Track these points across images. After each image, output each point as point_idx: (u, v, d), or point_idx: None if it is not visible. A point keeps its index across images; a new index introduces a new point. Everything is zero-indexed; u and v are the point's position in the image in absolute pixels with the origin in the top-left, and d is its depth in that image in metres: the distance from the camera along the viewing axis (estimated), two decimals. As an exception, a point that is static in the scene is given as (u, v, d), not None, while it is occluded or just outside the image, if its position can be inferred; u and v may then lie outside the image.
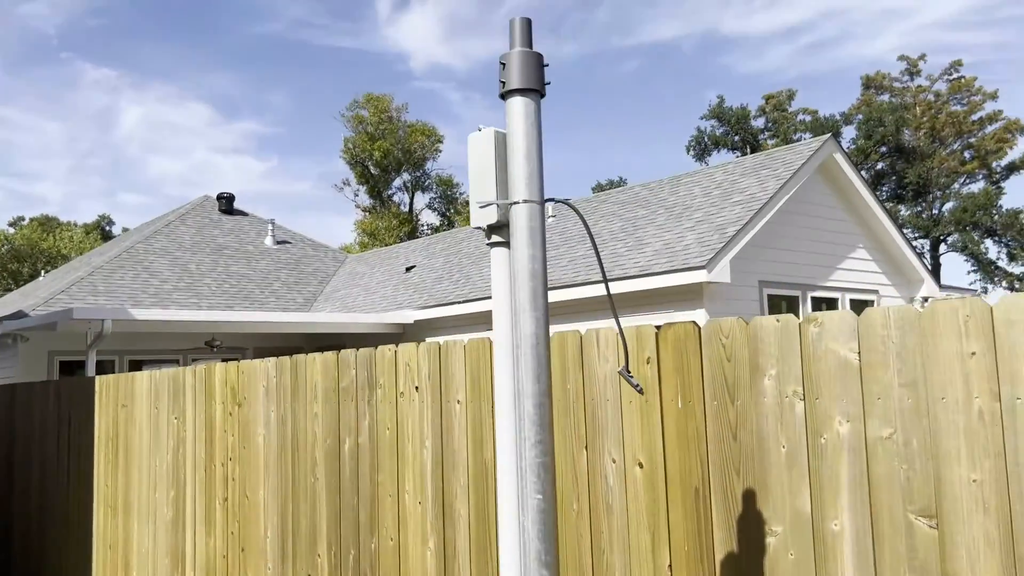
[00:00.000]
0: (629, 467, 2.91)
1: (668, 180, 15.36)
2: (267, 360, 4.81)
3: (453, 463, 3.59)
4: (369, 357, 4.09)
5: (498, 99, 1.80)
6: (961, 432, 2.16)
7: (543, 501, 1.70)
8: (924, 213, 45.27)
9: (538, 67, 1.80)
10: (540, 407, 1.72)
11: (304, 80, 74.52)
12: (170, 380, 5.74)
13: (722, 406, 2.67)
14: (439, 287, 15.51)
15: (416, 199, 46.24)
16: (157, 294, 16.44)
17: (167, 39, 74.92)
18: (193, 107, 79.52)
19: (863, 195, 13.54)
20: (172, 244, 18.98)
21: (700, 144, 49.63)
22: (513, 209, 1.76)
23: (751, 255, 11.87)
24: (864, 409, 2.35)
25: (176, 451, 5.63)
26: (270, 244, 20.74)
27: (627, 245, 12.77)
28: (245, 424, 4.95)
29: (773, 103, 48.69)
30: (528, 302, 1.73)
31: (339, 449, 4.23)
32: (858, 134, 45.27)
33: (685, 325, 2.79)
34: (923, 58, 45.77)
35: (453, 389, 3.61)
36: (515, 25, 1.82)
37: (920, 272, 14.41)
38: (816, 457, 2.44)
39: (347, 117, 43.98)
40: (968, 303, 2.16)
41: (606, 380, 2.99)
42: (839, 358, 2.40)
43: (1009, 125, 43.86)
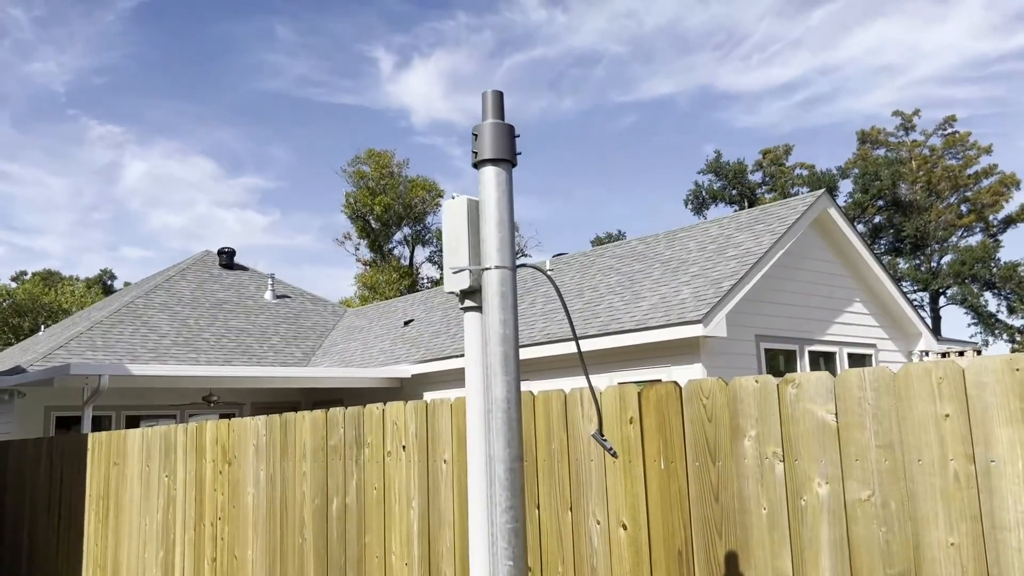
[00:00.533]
0: (613, 528, 2.90)
1: (664, 235, 15.47)
2: (257, 418, 4.81)
3: (439, 523, 3.57)
4: (357, 416, 4.09)
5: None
6: (938, 494, 2.17)
7: (514, 568, 1.70)
8: (923, 266, 45.42)
9: (509, 138, 1.86)
10: (511, 472, 1.73)
11: (306, 135, 75.49)
12: (162, 438, 5.73)
13: (703, 467, 2.67)
14: (436, 341, 15.51)
15: (416, 253, 46.47)
16: (156, 349, 16.44)
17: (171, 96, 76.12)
18: (196, 162, 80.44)
19: (859, 249, 13.62)
20: (172, 299, 19.04)
21: (698, 198, 50.04)
22: (485, 275, 1.80)
23: (747, 309, 11.90)
24: (843, 471, 2.35)
25: (166, 510, 5.59)
26: (269, 298, 20.80)
27: (623, 299, 12.81)
28: (235, 483, 4.93)
29: (770, 157, 49.23)
30: (500, 366, 1.76)
31: (327, 509, 4.20)
32: (855, 188, 45.67)
33: (667, 386, 2.80)
34: (917, 113, 46.41)
35: (440, 448, 3.61)
36: (487, 98, 1.88)
37: (918, 326, 14.42)
38: (796, 519, 2.44)
39: (348, 172, 44.47)
40: (941, 365, 2.18)
41: (590, 440, 2.99)
42: (817, 419, 2.41)
43: (1004, 179, 44.27)
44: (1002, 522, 2.05)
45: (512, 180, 1.86)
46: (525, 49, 69.39)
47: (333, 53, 69.09)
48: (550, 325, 13.15)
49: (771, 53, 65.40)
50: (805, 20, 63.69)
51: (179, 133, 78.34)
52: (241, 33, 68.97)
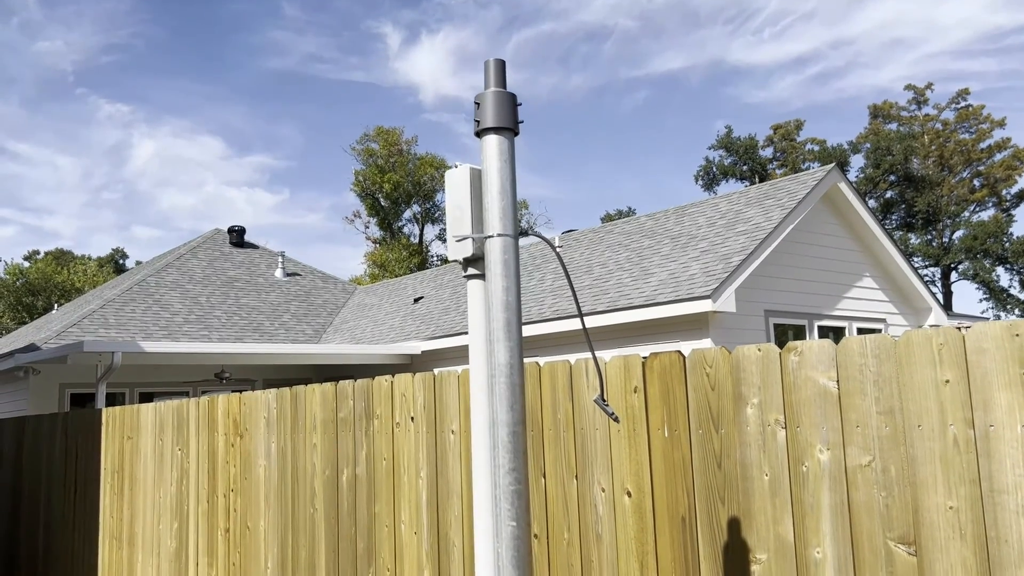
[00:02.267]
0: (618, 496, 2.94)
1: (673, 210, 15.43)
2: (268, 391, 4.87)
3: (448, 493, 3.62)
4: (366, 388, 4.14)
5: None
6: (937, 459, 2.19)
7: (517, 528, 1.74)
8: (934, 241, 45.17)
9: (511, 106, 1.87)
10: (514, 435, 1.76)
11: (315, 114, 75.37)
12: (174, 412, 5.80)
13: (707, 435, 2.70)
14: (446, 318, 15.57)
15: (426, 230, 46.51)
16: (168, 327, 16.57)
17: (180, 75, 76.04)
18: (205, 141, 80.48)
19: (869, 224, 13.57)
20: (183, 277, 19.16)
21: (708, 174, 49.81)
22: (488, 243, 1.82)
23: (757, 284, 11.90)
24: (844, 437, 2.38)
25: (180, 482, 5.68)
26: (280, 276, 20.90)
27: (632, 275, 12.82)
28: (247, 455, 5.00)
29: (781, 133, 48.90)
30: (502, 332, 1.79)
31: (337, 480, 4.26)
32: (867, 163, 45.36)
33: (670, 355, 2.83)
34: (930, 87, 45.97)
35: (448, 419, 3.65)
36: (489, 66, 1.89)
37: (928, 300, 14.38)
38: (798, 485, 2.47)
39: (357, 150, 44.44)
40: (942, 332, 2.20)
41: (595, 410, 3.03)
42: (818, 386, 2.44)
43: (1018, 153, 43.87)
44: (1000, 485, 2.08)
45: (514, 149, 1.88)
46: (534, 24, 68.93)
47: (341, 30, 68.79)
48: (559, 301, 13.19)
49: (783, 27, 64.77)
50: (817, -7, 62.93)
51: (187, 112, 78.32)
52: (248, 11, 68.70)
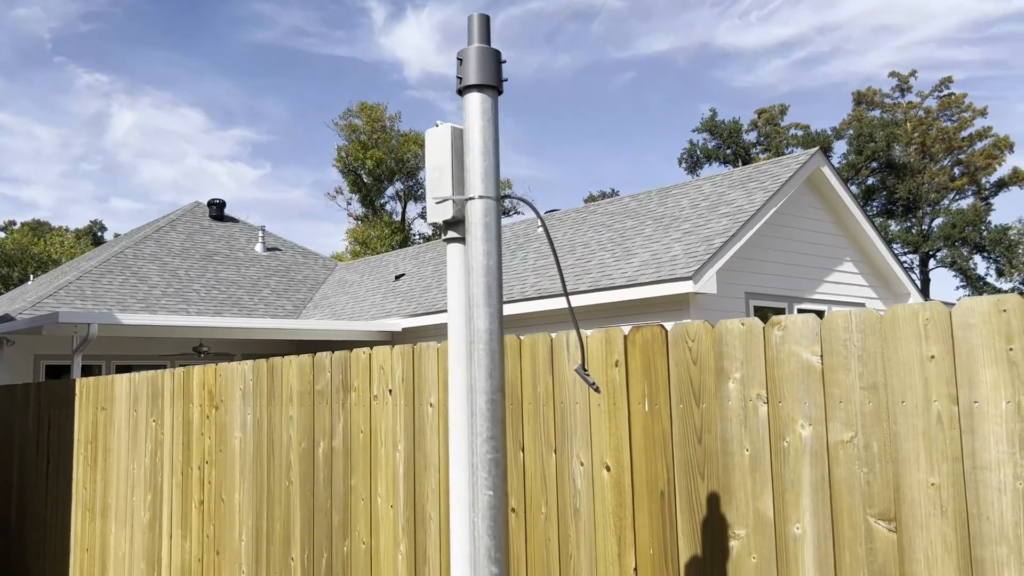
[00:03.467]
0: (596, 470, 2.91)
1: (657, 192, 15.40)
2: (244, 363, 4.80)
3: (425, 466, 3.58)
4: (344, 360, 4.08)
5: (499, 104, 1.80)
6: (920, 436, 2.17)
7: (494, 497, 1.70)
8: (914, 228, 45.50)
9: (495, 63, 1.81)
10: (492, 403, 1.72)
11: (298, 88, 74.53)
12: (149, 383, 5.72)
13: (688, 409, 2.67)
14: (428, 296, 15.50)
15: (409, 208, 46.26)
16: (145, 299, 16.39)
17: (161, 45, 74.86)
18: (186, 113, 79.43)
19: (851, 209, 13.60)
20: (161, 250, 18.94)
21: (692, 157, 49.83)
22: (469, 205, 1.77)
23: (738, 267, 11.91)
24: (826, 412, 2.35)
25: (154, 454, 5.60)
26: (260, 251, 20.71)
27: (615, 255, 12.79)
28: (222, 427, 4.93)
29: (765, 117, 48.94)
30: (482, 297, 1.73)
31: (313, 452, 4.21)
32: (849, 149, 45.52)
33: (652, 328, 2.79)
34: (914, 74, 46.12)
35: (426, 392, 3.60)
36: (473, 21, 1.83)
37: (907, 286, 14.47)
38: (779, 460, 2.44)
39: (340, 125, 44.03)
40: (928, 307, 2.17)
41: (575, 383, 2.98)
42: (802, 361, 2.41)
43: (998, 142, 44.18)
44: (983, 462, 2.06)
45: (497, 108, 1.82)
46: (521, 2, 68.40)
47: (326, 3, 67.94)
48: (541, 280, 13.15)
49: (770, 11, 64.68)
50: (805, -23, 62.85)
51: (169, 84, 77.21)
52: (231, -19, 67.63)
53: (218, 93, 77.79)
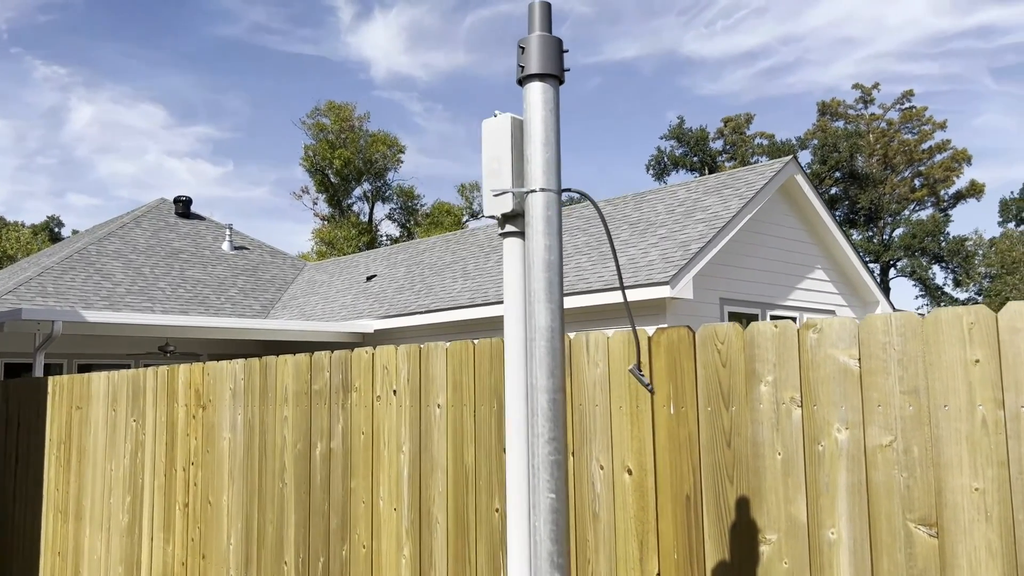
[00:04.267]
0: (617, 473, 2.86)
1: (632, 196, 15.45)
2: (235, 361, 4.67)
3: (432, 468, 3.50)
4: (344, 359, 3.99)
5: (460, 110, 1.76)
6: (964, 440, 2.15)
7: (556, 500, 1.64)
8: (875, 238, 46.29)
9: (558, 52, 1.75)
10: (554, 403, 1.66)
11: (262, 85, 73.61)
12: (130, 381, 5.55)
13: (716, 412, 2.63)
14: (400, 297, 15.37)
15: (376, 209, 45.94)
16: (109, 297, 16.03)
17: (121, 38, 73.45)
18: (147, 108, 78.01)
19: (822, 216, 13.75)
20: (126, 247, 18.55)
21: (660, 164, 50.19)
22: (530, 198, 1.70)
23: (713, 272, 11.98)
24: (863, 416, 2.32)
25: (134, 455, 5.44)
26: (227, 249, 20.39)
27: (591, 259, 12.79)
28: (209, 427, 4.80)
29: (732, 126, 49.47)
30: (543, 293, 1.67)
31: (310, 454, 4.11)
32: (813, 159, 46.19)
33: (679, 330, 2.75)
34: (876, 87, 46.95)
35: (433, 393, 3.53)
36: (534, 9, 1.77)
37: (876, 294, 14.67)
38: (813, 464, 2.41)
39: (308, 124, 43.59)
40: (972, 310, 2.16)
41: (595, 385, 2.93)
42: (838, 365, 2.38)
43: (956, 155, 45.16)
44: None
45: (559, 98, 1.76)
46: (490, 4, 68.38)
47: (292, 0, 67.26)
48: (517, 283, 13.10)
49: (735, 20, 65.46)
50: (771, -12, 63.73)
51: (129, 77, 75.79)
52: (196, -24, 66.64)
53: (180, 88, 76.55)
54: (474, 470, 3.31)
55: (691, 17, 66.50)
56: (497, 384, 3.25)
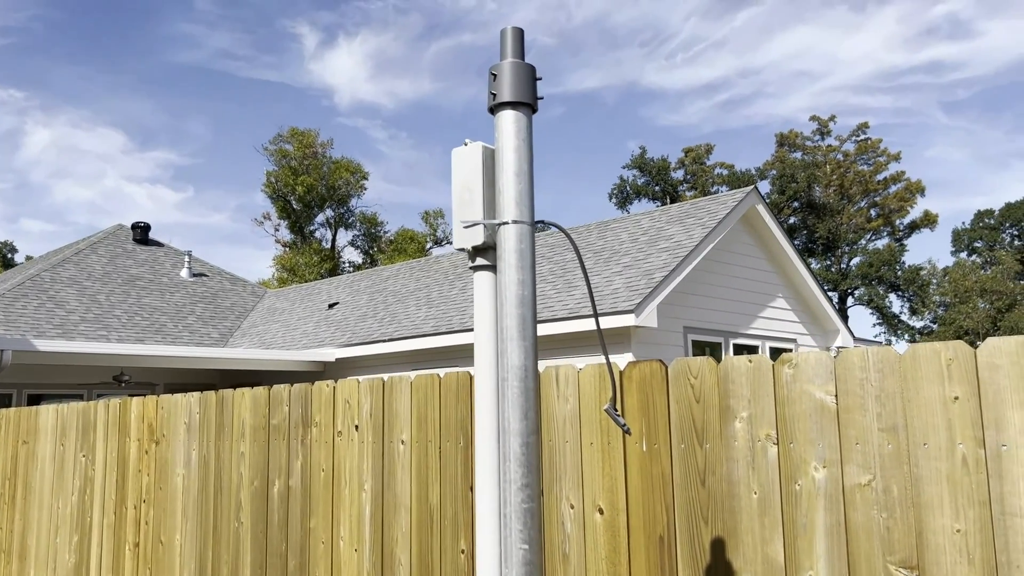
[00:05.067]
0: (588, 513, 2.77)
1: (596, 225, 15.48)
2: (190, 395, 4.51)
3: (395, 507, 3.38)
4: (304, 393, 3.85)
5: (424, 137, 1.68)
6: (944, 480, 2.10)
7: (529, 552, 1.54)
8: (833, 267, 47.02)
9: (531, 80, 1.68)
10: (528, 447, 1.57)
11: (224, 111, 72.96)
12: (79, 415, 5.34)
13: (690, 450, 2.56)
14: (363, 325, 15.17)
15: (339, 236, 45.62)
16: (62, 325, 15.61)
17: (81, 62, 72.38)
18: (106, 133, 76.82)
19: (783, 246, 13.89)
20: (81, 273, 18.12)
21: (622, 192, 50.62)
22: (502, 230, 1.63)
23: (677, 301, 11.99)
24: (841, 455, 2.27)
25: (83, 492, 5.22)
26: (186, 276, 20.02)
27: (556, 288, 12.75)
28: (163, 463, 4.62)
29: (692, 156, 50.11)
30: (516, 330, 1.59)
31: (267, 491, 3.95)
32: (772, 189, 46.92)
33: (651, 364, 2.68)
34: (833, 119, 47.93)
35: (397, 428, 3.41)
36: (507, 35, 1.70)
37: (836, 323, 14.81)
38: (790, 504, 2.35)
39: (270, 150, 43.26)
40: (951, 346, 2.11)
41: (565, 421, 2.85)
42: (815, 401, 2.32)
43: (910, 186, 46.17)
44: (1012, 508, 2.00)
45: (532, 127, 1.69)
46: (453, 34, 68.79)
47: (255, 27, 67.00)
48: (481, 311, 13.00)
49: (695, 53, 66.59)
50: (730, 22, 65.06)
51: (87, 102, 74.66)
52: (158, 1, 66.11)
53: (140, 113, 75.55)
54: (439, 509, 3.19)
55: (652, 49, 67.52)
56: (464, 419, 3.15)
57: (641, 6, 65.36)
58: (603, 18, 66.64)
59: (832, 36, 63.39)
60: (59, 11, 67.69)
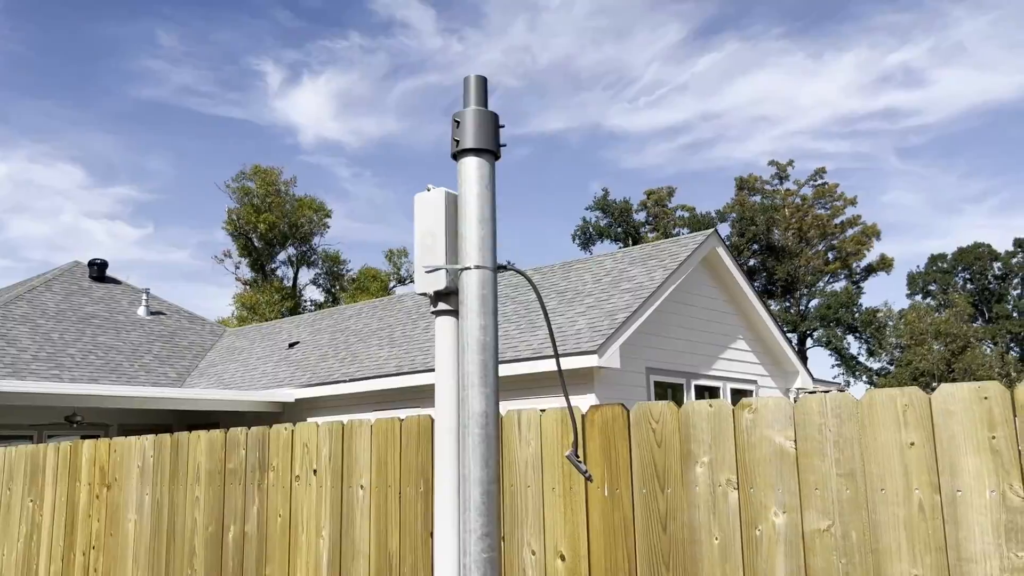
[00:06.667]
0: (550, 560, 2.74)
1: (560, 265, 15.56)
2: (144, 438, 4.41)
3: (353, 554, 3.31)
4: (262, 437, 3.79)
5: (388, 176, 1.69)
6: (901, 525, 2.12)
7: (489, 602, 1.52)
8: (792, 309, 47.70)
9: (494, 127, 1.70)
10: (488, 495, 1.55)
11: (186, 147, 72.31)
12: (28, 458, 5.19)
13: (651, 494, 2.55)
14: (323, 365, 15.00)
15: (301, 274, 45.27)
16: (13, 364, 15.22)
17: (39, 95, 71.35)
18: (65, 168, 75.74)
19: (743, 288, 14.07)
20: (34, 311, 17.72)
21: (585, 234, 51.04)
22: (464, 275, 1.63)
23: (639, 342, 12.05)
24: (801, 500, 2.28)
25: (29, 538, 5.04)
26: (143, 315, 19.68)
27: (519, 328, 12.75)
28: (114, 508, 4.49)
29: (654, 198, 50.78)
30: (478, 377, 1.58)
31: (223, 538, 3.86)
32: (732, 231, 47.66)
33: (613, 408, 2.68)
34: (791, 163, 49.00)
35: (357, 473, 3.36)
36: (470, 83, 1.72)
37: (795, 364, 14.98)
38: (751, 550, 2.34)
39: (233, 188, 42.97)
40: (907, 392, 2.15)
41: (527, 465, 2.83)
42: (775, 446, 2.34)
43: (866, 229, 47.21)
44: (968, 554, 2.02)
45: (495, 174, 1.70)
46: (419, 74, 69.34)
47: (220, 64, 66.83)
48: (444, 351, 12.93)
49: (658, 96, 67.84)
50: (691, 66, 66.50)
51: (46, 136, 73.60)
52: (121, 36, 65.66)
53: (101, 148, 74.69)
54: (399, 556, 3.14)
55: (616, 92, 68.67)
56: (424, 464, 3.11)
57: (605, 50, 66.59)
58: (568, 61, 67.73)
59: (791, 82, 65.07)
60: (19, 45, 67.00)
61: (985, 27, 61.20)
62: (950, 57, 63.12)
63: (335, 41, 67.31)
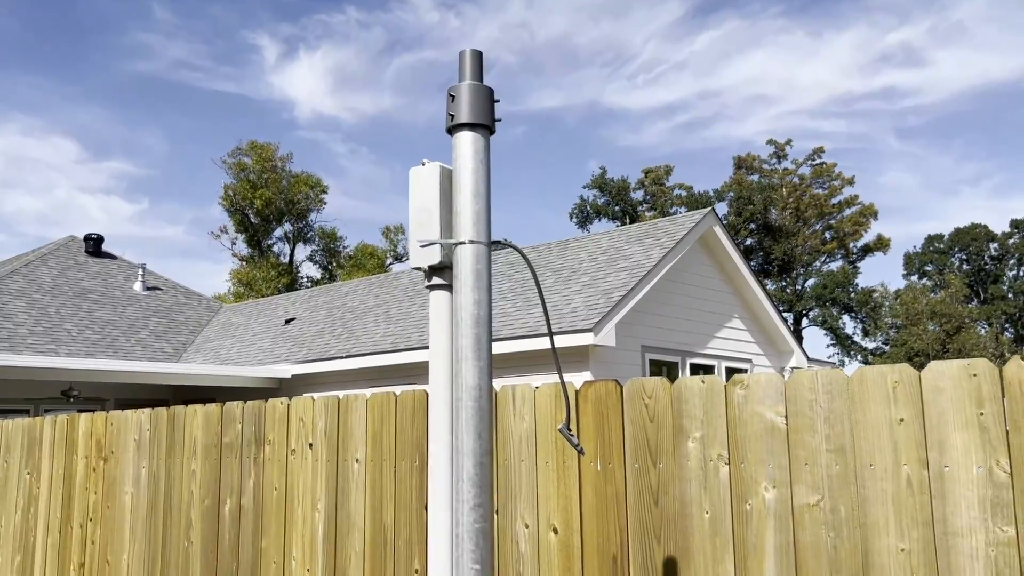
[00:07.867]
0: (543, 533, 2.77)
1: (556, 244, 15.56)
2: (141, 411, 4.43)
3: (349, 527, 3.34)
4: (258, 411, 3.81)
5: (385, 153, 1.70)
6: (889, 500, 2.14)
7: (481, 572, 1.54)
8: (788, 288, 47.78)
9: (489, 101, 1.70)
10: (481, 467, 1.57)
11: (181, 122, 71.89)
12: (25, 431, 5.21)
13: (643, 469, 2.58)
14: (320, 341, 15.03)
15: (297, 250, 45.21)
16: (10, 339, 15.23)
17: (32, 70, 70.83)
18: (58, 142, 75.28)
19: (739, 267, 14.09)
20: (30, 285, 17.71)
21: (583, 212, 50.97)
22: (458, 250, 1.64)
23: (635, 320, 12.09)
24: (791, 475, 2.30)
25: (27, 510, 5.08)
26: (139, 290, 19.68)
27: (516, 305, 12.77)
28: (111, 481, 4.52)
29: (652, 177, 50.68)
30: (471, 351, 1.60)
31: (219, 510, 3.89)
32: (729, 211, 47.61)
33: (607, 384, 2.70)
34: (789, 143, 48.85)
35: (352, 447, 3.39)
36: (465, 57, 1.72)
37: (790, 343, 15.04)
38: (741, 524, 2.37)
39: (228, 163, 42.79)
40: (897, 369, 2.17)
41: (521, 440, 2.85)
42: (766, 422, 2.36)
43: (864, 210, 47.19)
44: (955, 528, 2.05)
45: (489, 148, 1.70)
46: (416, 50, 68.83)
47: (214, 38, 66.27)
48: (440, 328, 12.96)
49: (656, 74, 67.51)
50: (689, 45, 66.11)
51: (40, 110, 73.09)
52: (114, 9, 65.08)
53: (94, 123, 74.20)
54: (393, 529, 3.17)
55: (613, 70, 68.28)
56: (419, 438, 3.14)
57: (603, 27, 66.14)
58: (565, 38, 67.27)
59: (789, 61, 64.78)
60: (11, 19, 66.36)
61: (985, 8, 60.87)
62: (949, 37, 62.83)
63: (331, 15, 66.73)
